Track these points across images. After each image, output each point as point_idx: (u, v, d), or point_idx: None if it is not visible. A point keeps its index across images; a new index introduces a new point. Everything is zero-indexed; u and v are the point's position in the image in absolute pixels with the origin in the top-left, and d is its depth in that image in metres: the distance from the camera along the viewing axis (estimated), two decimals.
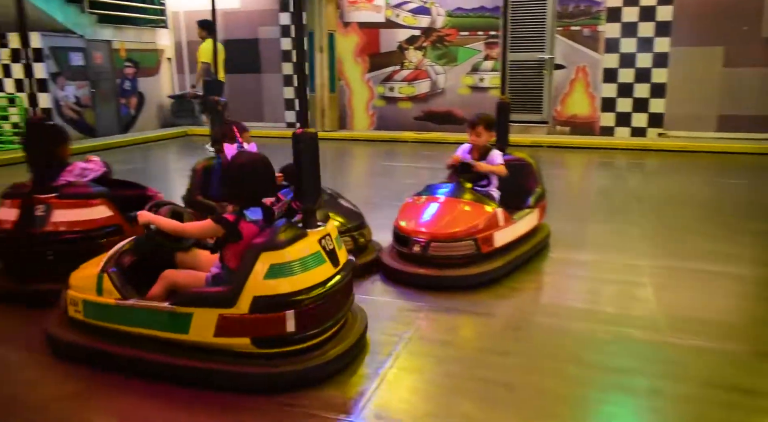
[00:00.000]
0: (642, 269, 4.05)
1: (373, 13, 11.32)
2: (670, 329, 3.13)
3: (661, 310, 3.36)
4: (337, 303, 2.71)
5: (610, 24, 9.95)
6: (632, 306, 3.45)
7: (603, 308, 3.46)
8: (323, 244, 2.71)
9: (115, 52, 11.35)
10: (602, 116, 10.24)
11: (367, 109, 11.67)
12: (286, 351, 2.56)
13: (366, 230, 4.08)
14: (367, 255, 4.01)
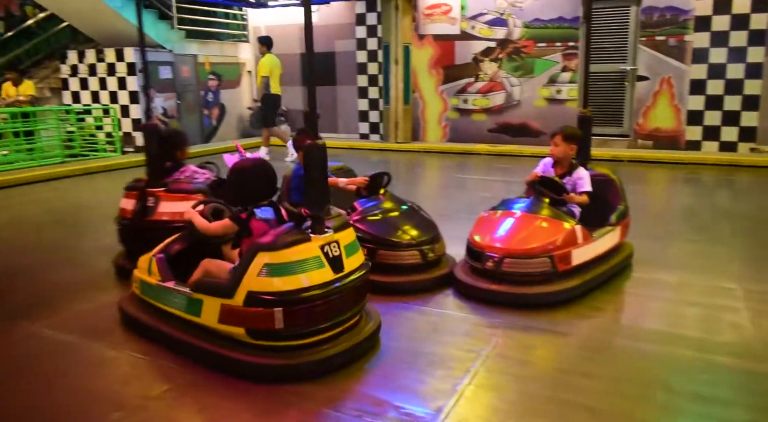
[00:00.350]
0: (733, 293, 3.81)
1: (448, 25, 11.33)
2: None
3: (760, 337, 3.15)
4: (337, 306, 2.79)
5: (698, 33, 9.50)
6: (723, 332, 3.25)
7: (689, 332, 3.27)
8: (326, 250, 2.80)
9: (200, 66, 11.91)
10: (688, 129, 9.76)
11: (440, 121, 11.67)
12: (279, 345, 2.74)
13: (439, 244, 4.03)
14: (439, 269, 3.97)
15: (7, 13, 11.71)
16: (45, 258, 4.81)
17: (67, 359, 3.02)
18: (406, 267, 3.86)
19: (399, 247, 3.85)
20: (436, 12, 11.39)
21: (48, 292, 4.01)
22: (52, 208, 6.84)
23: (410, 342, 3.17)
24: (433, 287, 3.85)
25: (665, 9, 9.70)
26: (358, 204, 4.13)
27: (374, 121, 12.18)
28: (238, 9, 13.02)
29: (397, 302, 3.68)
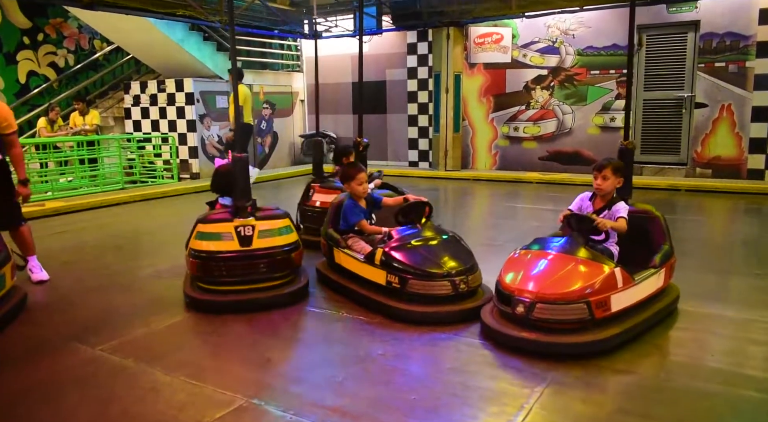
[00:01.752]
0: None
1: (499, 53, 11.35)
2: None
3: None
4: (240, 268, 4.11)
5: (760, 59, 9.20)
6: None
7: (753, 372, 3.09)
8: (239, 229, 4.12)
9: (255, 95, 12.28)
10: (750, 157, 9.39)
11: (489, 149, 11.61)
12: (211, 288, 4.19)
13: (473, 275, 3.91)
14: (473, 301, 3.86)
15: (77, 47, 12.43)
16: (105, 282, 4.98)
17: (123, 383, 3.09)
18: (437, 298, 3.80)
19: (429, 277, 3.80)
20: (487, 41, 11.43)
21: (107, 316, 4.14)
22: (112, 233, 7.10)
23: (461, 375, 3.11)
24: (464, 319, 3.77)
25: (725, 35, 9.45)
26: (396, 232, 4.14)
27: (423, 149, 12.23)
28: (292, 40, 13.41)
29: (440, 333, 3.63)
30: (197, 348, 3.64)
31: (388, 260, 3.96)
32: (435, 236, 4.12)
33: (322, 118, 13.56)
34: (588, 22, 10.46)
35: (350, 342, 3.62)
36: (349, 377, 3.11)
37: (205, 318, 4.03)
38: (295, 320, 4.01)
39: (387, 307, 3.91)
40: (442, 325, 3.74)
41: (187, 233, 4.48)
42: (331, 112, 13.43)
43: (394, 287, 3.90)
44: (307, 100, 13.70)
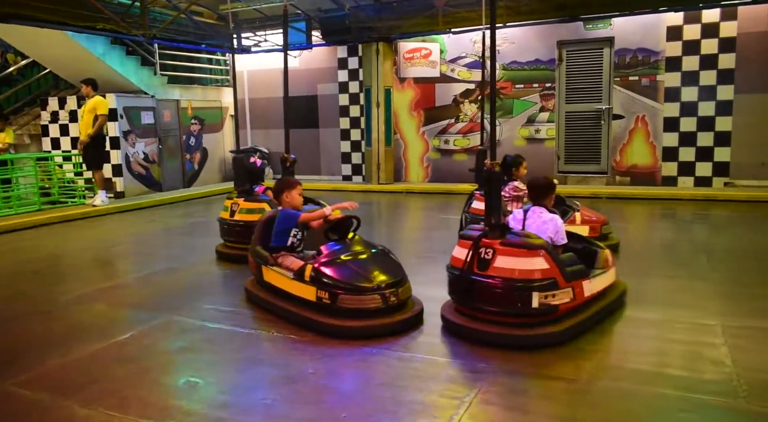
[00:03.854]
0: (714, 329, 3.82)
1: (428, 68, 11.57)
2: (751, 395, 2.91)
3: (740, 374, 3.14)
4: None
5: (669, 73, 9.81)
6: (706, 370, 3.24)
7: (674, 371, 3.25)
8: None
9: (183, 111, 11.98)
10: (664, 165, 9.97)
11: (421, 161, 11.79)
12: None
13: (403, 288, 3.99)
14: (402, 313, 3.94)
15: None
16: (19, 310, 4.69)
17: (35, 420, 2.91)
18: (368, 312, 3.83)
19: (360, 291, 3.83)
20: (416, 56, 11.64)
21: (21, 346, 3.90)
22: (28, 258, 6.72)
23: (392, 389, 3.11)
24: (395, 332, 3.81)
25: (637, 50, 10.01)
26: (325, 247, 4.13)
27: (357, 162, 12.27)
28: (221, 55, 13.20)
29: (371, 347, 3.63)
30: (120, 376, 3.47)
31: (318, 276, 3.93)
32: (364, 250, 4.13)
33: (255, 133, 13.41)
34: (512, 38, 10.83)
35: (280, 361, 3.55)
36: (279, 399, 3.05)
37: (130, 342, 3.87)
38: (222, 341, 3.91)
39: (318, 323, 3.88)
40: (373, 339, 3.74)
41: (112, 255, 4.29)
42: (262, 127, 13.29)
43: (325, 303, 3.88)
44: (238, 115, 13.48)
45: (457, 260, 3.82)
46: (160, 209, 9.96)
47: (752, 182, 9.44)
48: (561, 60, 10.59)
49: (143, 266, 6.15)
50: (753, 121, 9.39)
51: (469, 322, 3.74)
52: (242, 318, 4.32)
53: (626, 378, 3.19)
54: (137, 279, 5.65)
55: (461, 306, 3.87)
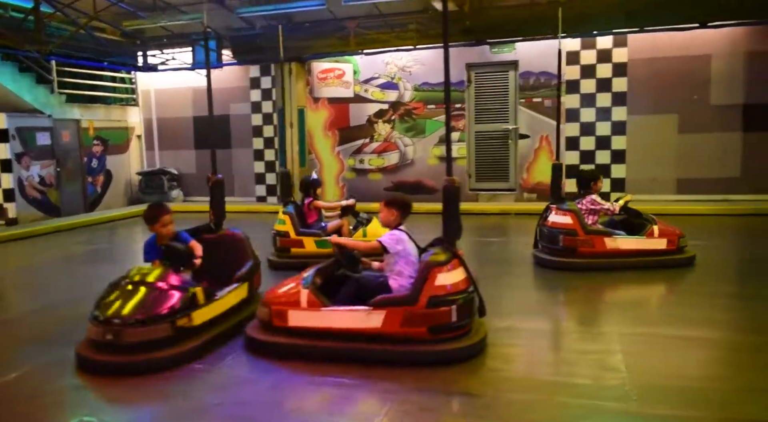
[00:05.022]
0: (611, 337, 4.02)
1: (342, 88, 11.63)
2: (642, 399, 3.08)
3: (632, 379, 3.31)
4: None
5: (569, 95, 10.38)
6: (603, 376, 3.39)
7: (573, 379, 3.39)
8: None
9: (84, 131, 11.36)
10: (567, 182, 10.48)
11: (337, 181, 11.78)
12: None
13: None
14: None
15: None
16: None
17: None
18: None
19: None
20: (330, 76, 11.68)
21: None
22: None
23: (302, 415, 3.03)
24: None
25: (540, 74, 10.54)
26: None
27: (271, 183, 12.08)
28: (125, 72, 12.66)
29: (278, 373, 3.54)
30: (7, 418, 3.18)
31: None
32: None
33: (163, 154, 12.93)
34: (422, 60, 11.11)
35: (184, 393, 3.37)
36: None
37: (20, 381, 3.55)
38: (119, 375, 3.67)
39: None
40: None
41: (3, 287, 3.93)
42: (171, 147, 12.83)
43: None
44: (145, 135, 12.96)
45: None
46: (58, 236, 9.33)
47: (645, 197, 10.10)
48: (470, 82, 10.96)
49: (38, 298, 5.71)
50: (644, 140, 10.09)
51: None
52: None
53: (529, 389, 3.28)
54: (31, 312, 5.24)
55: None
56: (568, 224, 5.85)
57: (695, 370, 3.52)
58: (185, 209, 11.42)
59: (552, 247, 5.99)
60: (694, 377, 3.40)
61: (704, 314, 4.49)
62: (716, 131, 9.85)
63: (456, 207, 3.91)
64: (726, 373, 3.52)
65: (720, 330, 4.23)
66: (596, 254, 5.80)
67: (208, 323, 3.97)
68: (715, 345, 3.95)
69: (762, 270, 5.80)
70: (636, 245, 5.82)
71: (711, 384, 3.30)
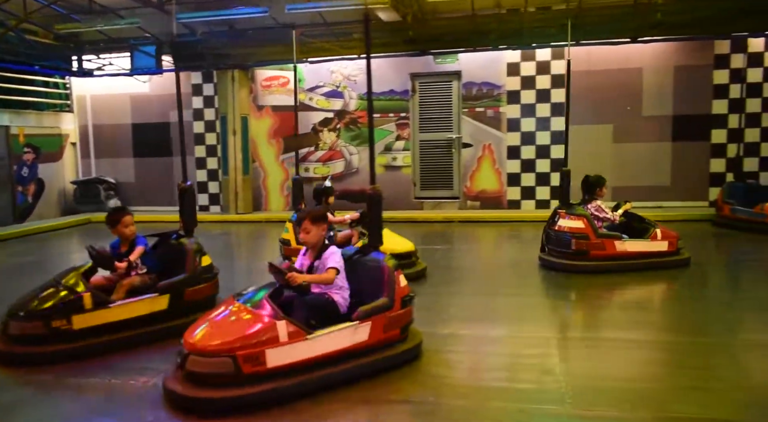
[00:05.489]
0: (552, 342, 4.11)
1: (286, 96, 11.54)
2: (577, 401, 3.15)
3: (569, 382, 3.39)
4: None
5: (510, 105, 10.64)
6: (540, 380, 3.47)
7: (513, 384, 3.45)
8: None
9: (13, 138, 10.84)
10: (508, 190, 10.73)
11: (282, 190, 11.65)
12: None
13: None
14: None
15: None
16: None
17: None
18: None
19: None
20: (274, 84, 11.58)
21: None
22: None
23: None
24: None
25: (482, 84, 10.76)
26: None
27: (214, 192, 11.85)
28: (59, 77, 12.17)
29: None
30: None
31: None
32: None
33: (100, 162, 12.50)
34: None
35: (116, 412, 3.24)
36: None
37: None
38: (55, 394, 3.49)
39: None
40: None
41: None
42: (108, 155, 12.39)
43: None
44: (80, 142, 12.47)
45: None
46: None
47: None
48: (414, 91, 11.07)
49: None
50: (582, 149, 10.41)
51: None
52: (80, 363, 3.90)
53: (473, 395, 3.31)
54: None
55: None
56: (579, 228, 6.09)
57: (632, 371, 3.64)
58: None
59: (562, 251, 6.16)
60: (631, 378, 3.52)
61: (641, 318, 4.67)
62: (648, 141, 10.30)
63: (379, 214, 4.07)
64: (661, 373, 3.65)
65: (657, 331, 4.41)
66: (607, 256, 6.05)
67: (97, 329, 3.99)
68: (652, 346, 4.10)
69: (691, 274, 6.07)
70: (642, 247, 6.13)
71: (647, 385, 3.41)
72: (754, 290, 5.60)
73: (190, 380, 3.18)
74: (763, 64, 9.94)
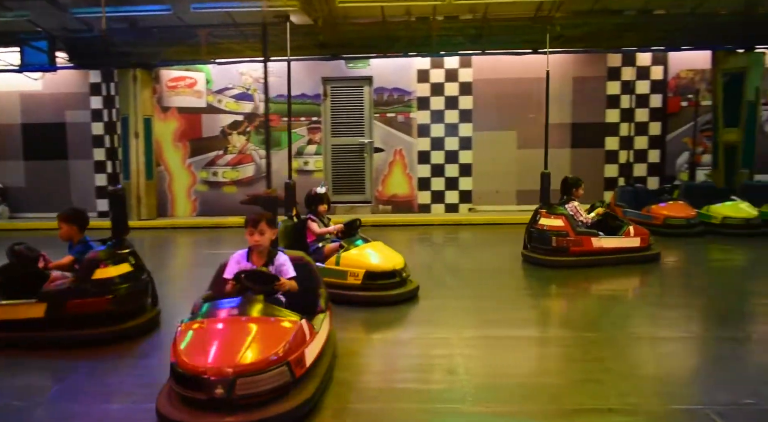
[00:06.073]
0: (453, 341, 4.21)
1: (193, 98, 11.17)
2: (477, 398, 3.23)
3: (470, 380, 3.48)
4: None
5: (420, 111, 10.86)
6: (443, 380, 3.54)
7: (416, 385, 3.48)
8: None
9: None
10: (419, 194, 10.94)
11: (188, 194, 11.25)
12: None
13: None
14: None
15: None
16: None
17: None
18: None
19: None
20: (180, 85, 11.18)
21: None
22: None
23: None
24: None
25: (393, 90, 10.92)
26: None
27: None
28: None
29: None
30: None
31: None
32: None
33: None
34: (278, 73, 10.97)
35: None
36: None
37: None
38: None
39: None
40: None
41: None
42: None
43: None
44: None
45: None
46: None
47: (490, 207, 10.83)
48: (326, 95, 11.05)
49: None
50: (488, 154, 10.84)
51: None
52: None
53: (381, 398, 3.32)
54: None
55: None
56: (560, 226, 6.47)
57: (529, 367, 3.79)
58: (11, 227, 10.26)
59: (544, 247, 6.53)
60: (527, 374, 3.65)
61: (538, 315, 4.90)
62: (550, 148, 10.79)
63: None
64: (558, 367, 3.82)
65: (554, 328, 4.66)
66: (585, 252, 6.44)
67: None
68: (549, 342, 4.30)
69: (588, 272, 6.44)
70: (617, 243, 6.57)
71: (542, 379, 3.55)
72: (634, 287, 6.07)
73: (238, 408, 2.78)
74: (649, 77, 10.74)
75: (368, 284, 5.08)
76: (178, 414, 2.78)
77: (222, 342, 2.97)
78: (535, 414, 3.06)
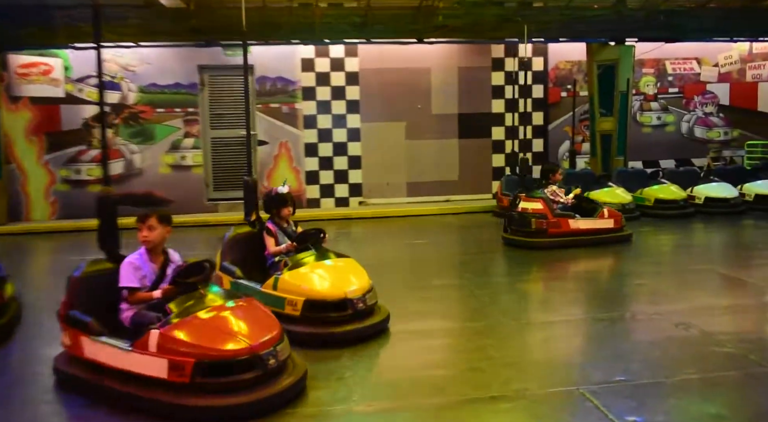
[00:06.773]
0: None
1: (49, 87, 10.00)
2: (362, 397, 3.11)
3: (356, 381, 3.33)
4: None
5: (306, 102, 10.40)
6: (336, 381, 3.35)
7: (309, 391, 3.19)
8: None
9: None
10: (308, 188, 10.49)
11: (46, 195, 10.02)
12: None
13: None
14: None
15: None
16: None
17: None
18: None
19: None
20: (34, 72, 9.96)
21: None
22: None
23: None
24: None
25: (277, 79, 10.38)
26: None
27: None
28: None
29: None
30: None
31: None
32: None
33: None
34: (148, 59, 10.10)
35: None
36: None
37: None
38: None
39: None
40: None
41: None
42: None
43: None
44: None
45: None
46: None
47: (380, 200, 10.61)
48: (203, 85, 10.29)
49: None
50: (377, 146, 10.59)
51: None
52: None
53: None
54: None
55: None
56: (539, 209, 6.83)
57: (416, 361, 3.67)
58: None
59: (524, 230, 6.85)
60: (414, 367, 3.56)
61: (427, 307, 4.74)
62: (437, 138, 10.79)
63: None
64: (446, 359, 3.76)
65: (441, 319, 4.53)
66: (563, 233, 6.79)
67: None
68: (436, 334, 4.19)
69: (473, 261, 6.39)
70: (592, 224, 6.95)
71: (429, 372, 3.47)
72: (526, 275, 6.13)
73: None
74: (531, 68, 10.97)
75: (308, 317, 3.90)
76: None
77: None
78: (421, 408, 2.98)
